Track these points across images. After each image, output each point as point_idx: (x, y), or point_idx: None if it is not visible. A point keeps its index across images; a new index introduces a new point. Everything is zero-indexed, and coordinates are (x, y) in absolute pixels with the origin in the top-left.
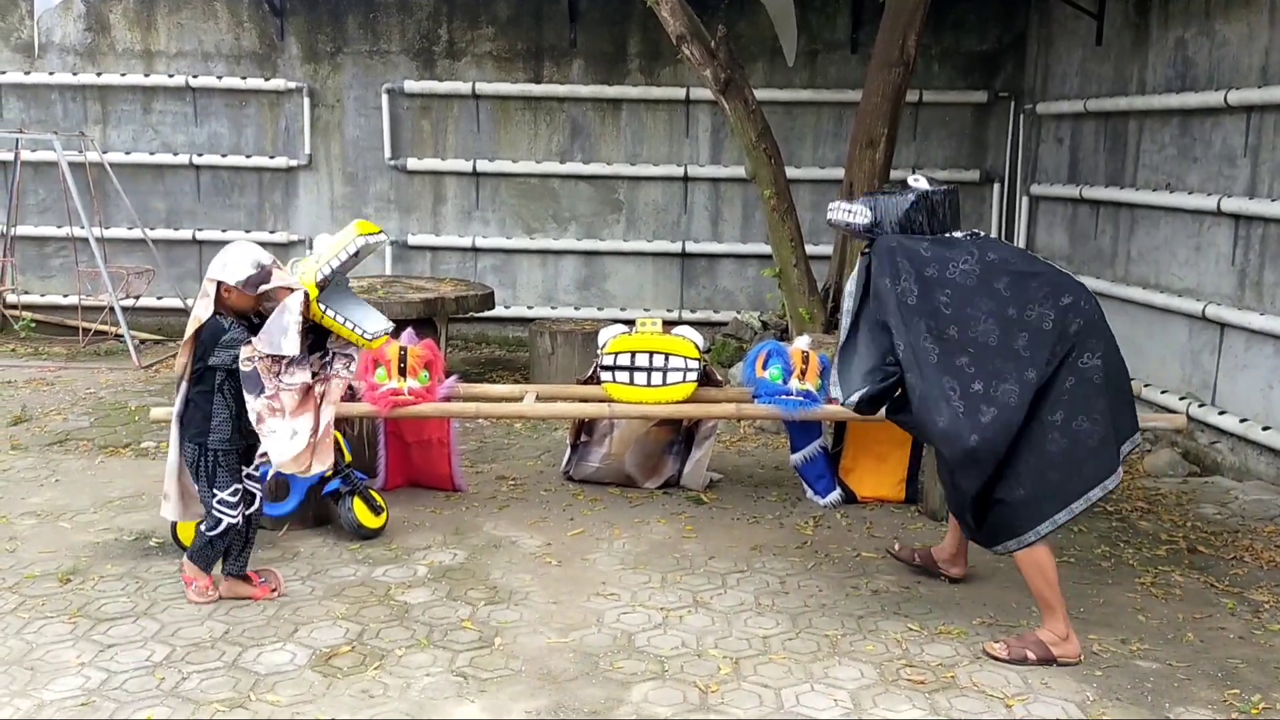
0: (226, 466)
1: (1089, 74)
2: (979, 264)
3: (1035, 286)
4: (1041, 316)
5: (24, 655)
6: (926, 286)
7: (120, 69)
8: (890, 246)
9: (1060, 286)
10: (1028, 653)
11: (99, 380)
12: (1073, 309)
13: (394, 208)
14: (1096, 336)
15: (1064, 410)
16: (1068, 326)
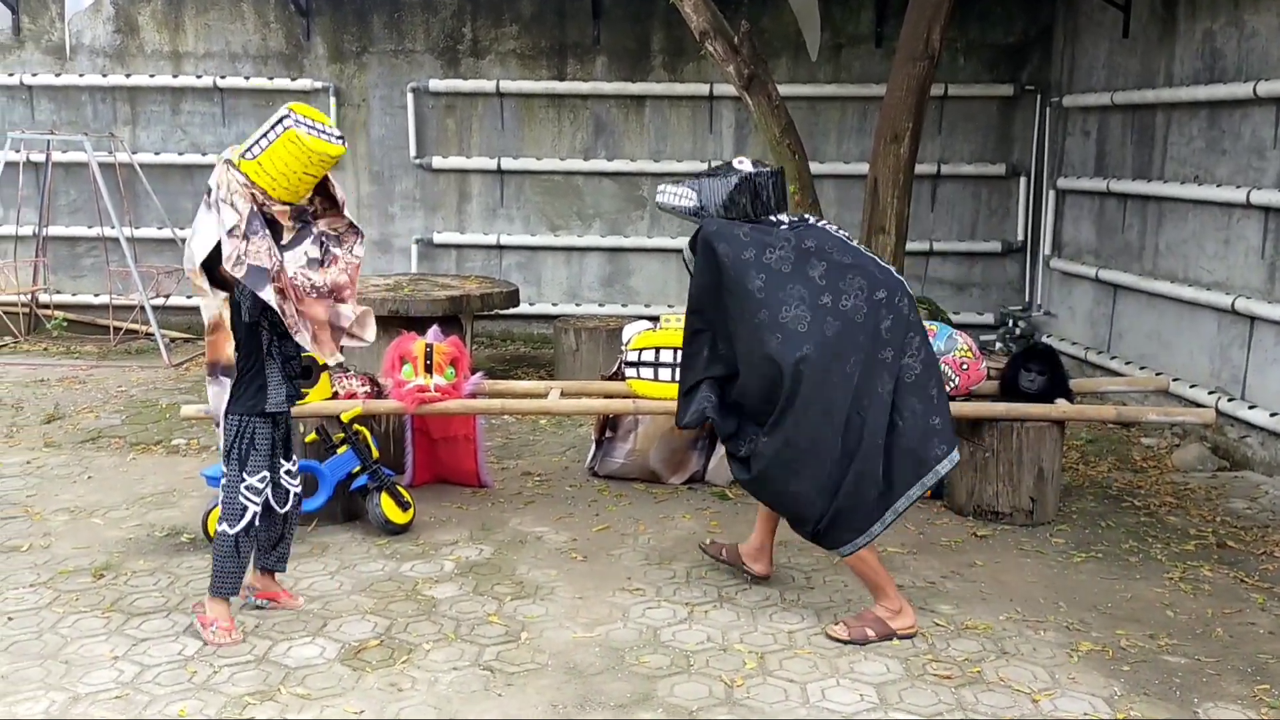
0: (262, 450)
1: (1116, 66)
2: (794, 250)
3: (851, 277)
4: (855, 309)
5: (59, 649)
6: (741, 269)
7: (149, 70)
8: (711, 230)
9: (877, 281)
10: (868, 630)
11: (130, 378)
12: (886, 305)
13: (419, 206)
14: (911, 335)
15: (879, 411)
16: (880, 322)
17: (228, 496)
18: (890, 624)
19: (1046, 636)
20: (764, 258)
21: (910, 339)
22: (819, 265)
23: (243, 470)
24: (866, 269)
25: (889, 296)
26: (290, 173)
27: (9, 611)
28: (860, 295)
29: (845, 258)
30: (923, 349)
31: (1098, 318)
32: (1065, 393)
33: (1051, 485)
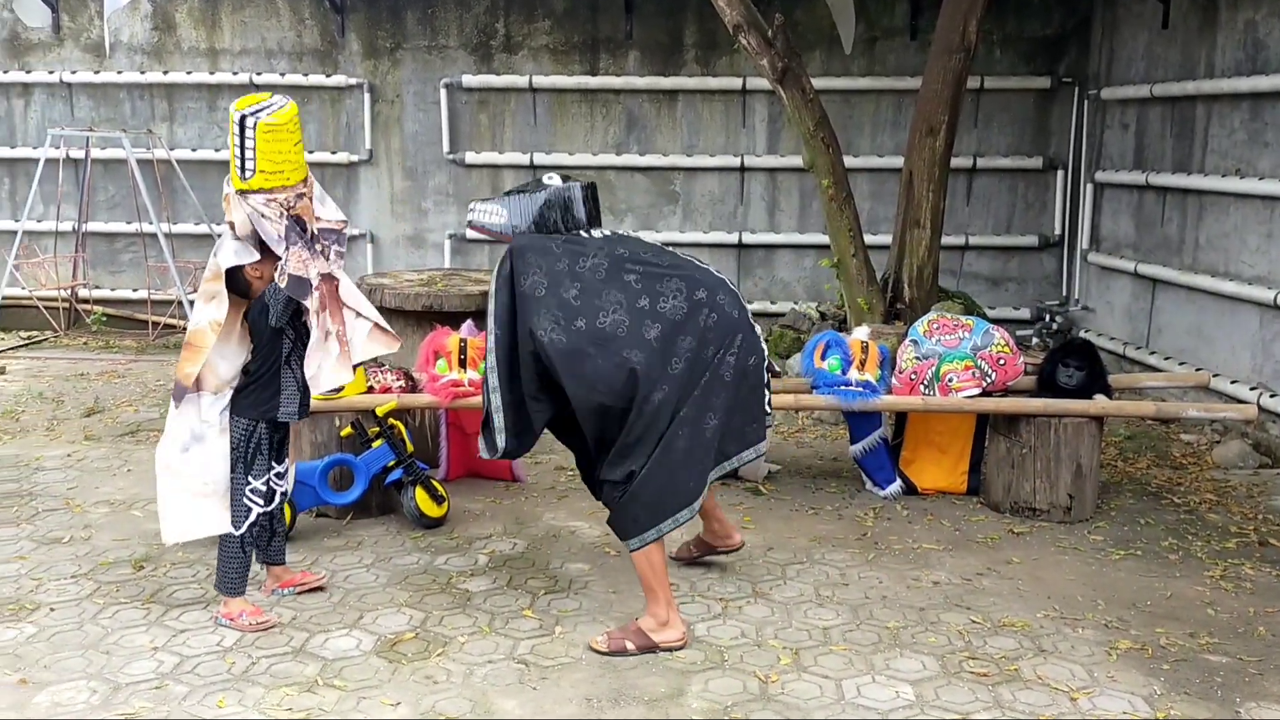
0: (267, 453)
1: (1155, 58)
2: (608, 258)
3: (668, 280)
4: (675, 309)
5: (100, 639)
6: (555, 279)
7: (186, 67)
8: (522, 245)
9: (696, 281)
10: (627, 643)
11: (168, 373)
12: (707, 303)
13: (452, 201)
14: (734, 333)
15: (694, 407)
16: (700, 320)
17: (232, 499)
18: (653, 636)
19: (1085, 634)
20: (577, 267)
21: (734, 337)
22: (634, 270)
23: (248, 474)
24: (684, 270)
25: (709, 295)
26: (284, 154)
27: (51, 602)
28: (679, 296)
29: (661, 260)
30: (743, 348)
31: (1136, 312)
32: (1104, 388)
33: (1090, 482)
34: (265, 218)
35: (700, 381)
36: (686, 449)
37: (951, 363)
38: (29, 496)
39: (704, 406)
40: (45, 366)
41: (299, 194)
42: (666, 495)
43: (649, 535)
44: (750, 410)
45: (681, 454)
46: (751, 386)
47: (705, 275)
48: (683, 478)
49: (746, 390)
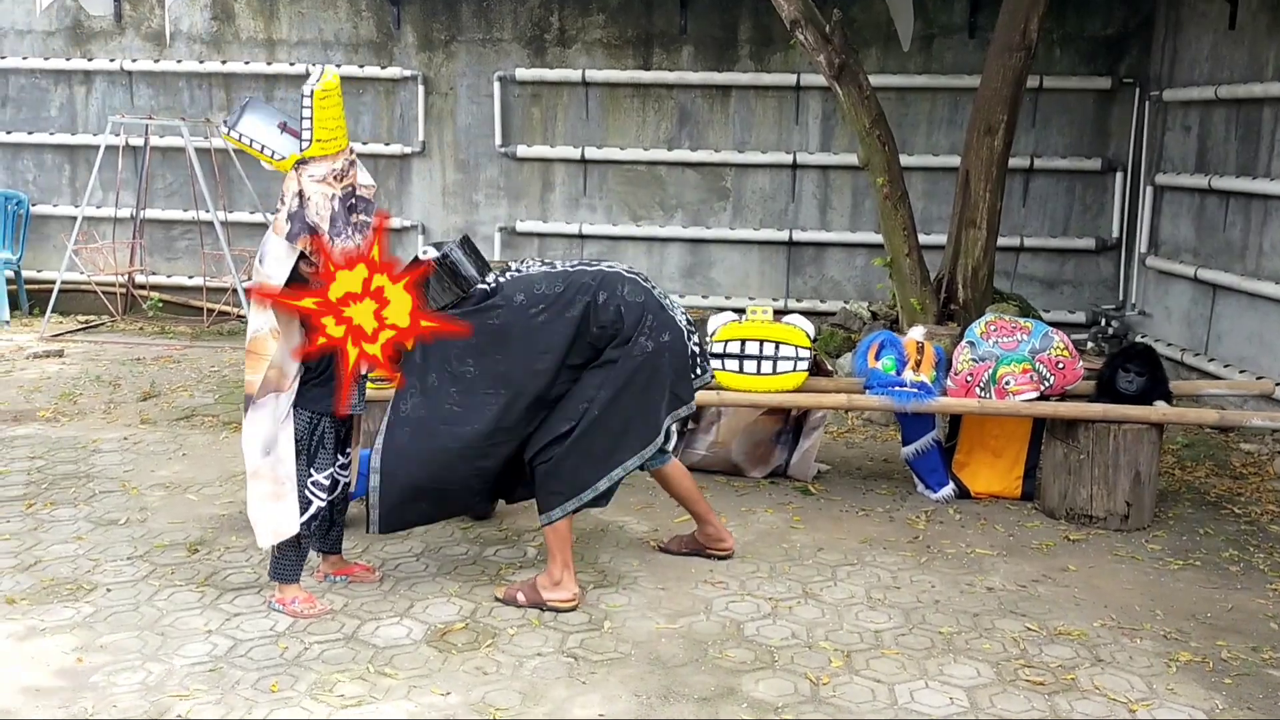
0: (330, 447)
1: (1220, 59)
2: (510, 310)
3: (571, 300)
4: (584, 324)
5: (155, 621)
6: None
7: (244, 57)
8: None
9: (596, 287)
10: (518, 595)
11: (222, 359)
12: (612, 303)
13: (503, 194)
14: (646, 318)
15: (612, 392)
16: (612, 320)
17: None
18: (543, 593)
19: (1143, 645)
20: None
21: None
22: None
23: (310, 465)
24: (581, 283)
25: (609, 294)
26: (336, 119)
27: (108, 583)
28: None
29: (558, 287)
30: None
31: (1195, 318)
32: (1164, 394)
33: (1148, 490)
34: (321, 192)
35: (615, 368)
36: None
37: (1009, 365)
38: (86, 478)
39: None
40: (102, 350)
41: (350, 160)
42: (583, 470)
43: (570, 505)
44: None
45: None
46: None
47: (597, 277)
48: (596, 452)
49: (668, 366)
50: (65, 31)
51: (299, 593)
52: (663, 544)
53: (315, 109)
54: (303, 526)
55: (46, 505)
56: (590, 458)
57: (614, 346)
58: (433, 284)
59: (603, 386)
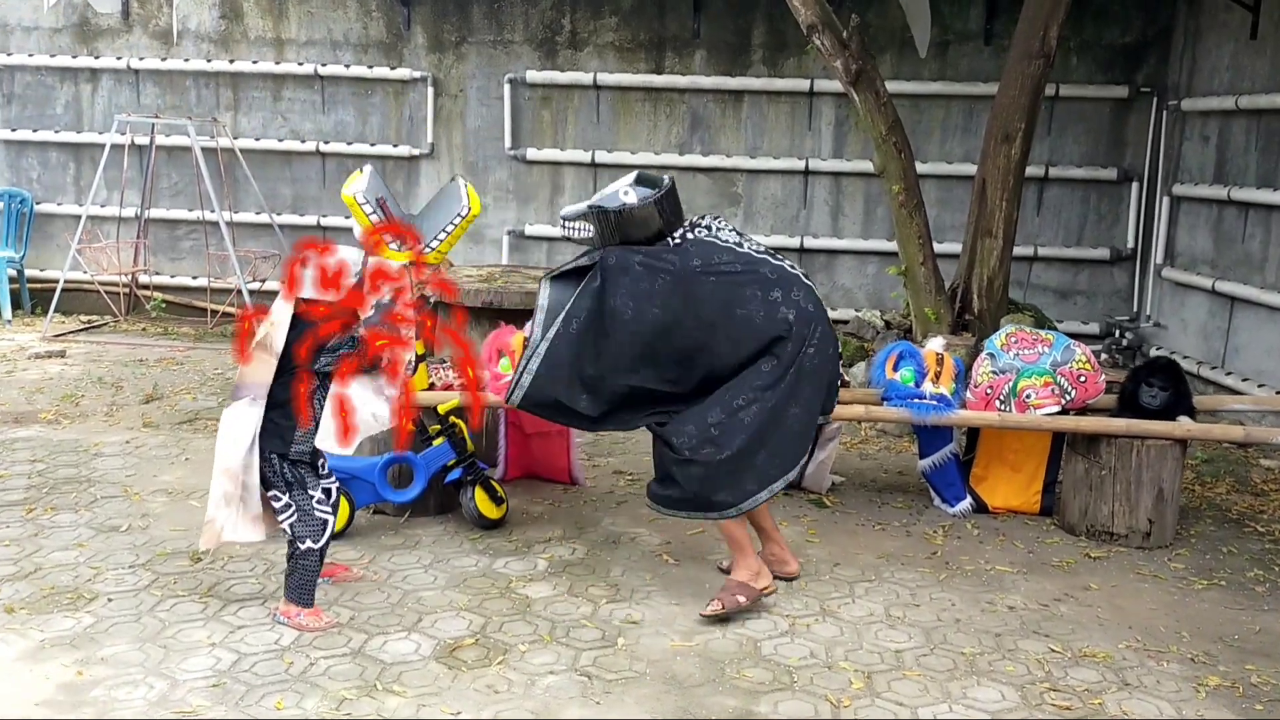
0: (310, 463)
1: (1241, 69)
2: (681, 270)
3: (744, 283)
4: (751, 315)
5: (158, 633)
6: (639, 299)
7: (252, 56)
8: (610, 265)
9: (772, 282)
10: (739, 598)
11: (226, 361)
12: (784, 302)
13: (512, 197)
14: (811, 328)
15: (779, 396)
16: (781, 319)
17: (301, 515)
18: (755, 585)
19: (1170, 668)
20: (656, 285)
21: (813, 329)
22: (709, 280)
23: (305, 490)
24: (758, 273)
25: (784, 294)
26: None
27: (109, 592)
28: (755, 301)
29: (735, 266)
30: (821, 340)
31: (1212, 331)
32: (1188, 410)
33: (1171, 507)
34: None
35: (787, 376)
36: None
37: (1029, 378)
38: (88, 483)
39: (789, 396)
40: (105, 351)
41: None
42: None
43: (745, 505)
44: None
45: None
46: (831, 372)
47: (783, 274)
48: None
49: (825, 379)
50: (72, 29)
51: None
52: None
53: (460, 228)
54: (323, 547)
55: (47, 510)
56: (753, 467)
57: (779, 351)
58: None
59: (768, 390)
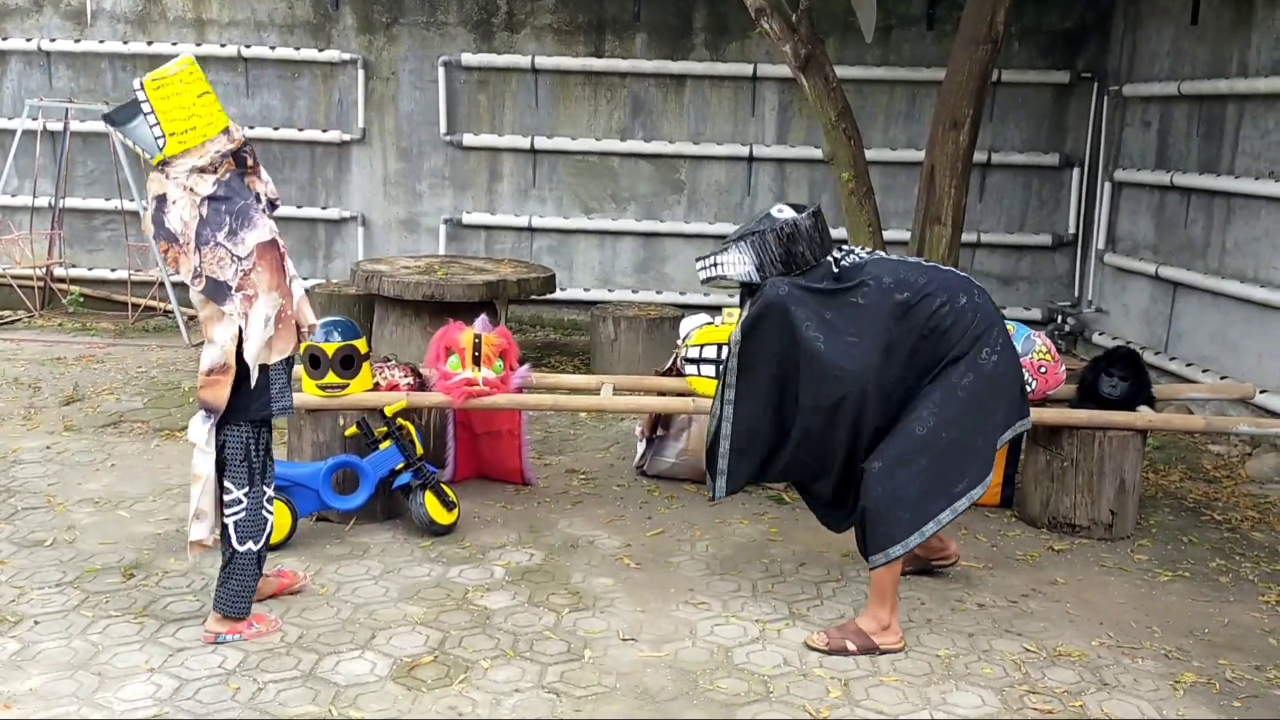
0: (272, 457)
1: (1182, 55)
2: (878, 291)
3: (932, 294)
4: (939, 323)
5: (90, 658)
6: (829, 329)
7: (171, 38)
8: (782, 295)
9: (955, 288)
10: (847, 643)
11: (150, 358)
12: (969, 308)
13: (448, 184)
14: (994, 331)
15: (958, 408)
16: (967, 326)
17: (250, 513)
18: (874, 639)
19: (1145, 665)
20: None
21: (993, 333)
22: (903, 294)
23: (263, 483)
24: (940, 282)
25: (970, 299)
26: (188, 109)
27: (36, 614)
28: (944, 309)
29: (918, 279)
30: (1004, 344)
31: (1154, 316)
32: (1148, 400)
33: (1132, 498)
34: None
35: (964, 384)
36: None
37: None
38: (6, 493)
39: (969, 409)
40: (19, 349)
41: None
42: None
43: (913, 540)
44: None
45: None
46: (1015, 377)
47: (958, 280)
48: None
49: (1006, 383)
50: None
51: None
52: None
53: (153, 100)
54: (262, 550)
55: None
56: (935, 486)
57: (957, 356)
58: (787, 244)
59: (945, 403)
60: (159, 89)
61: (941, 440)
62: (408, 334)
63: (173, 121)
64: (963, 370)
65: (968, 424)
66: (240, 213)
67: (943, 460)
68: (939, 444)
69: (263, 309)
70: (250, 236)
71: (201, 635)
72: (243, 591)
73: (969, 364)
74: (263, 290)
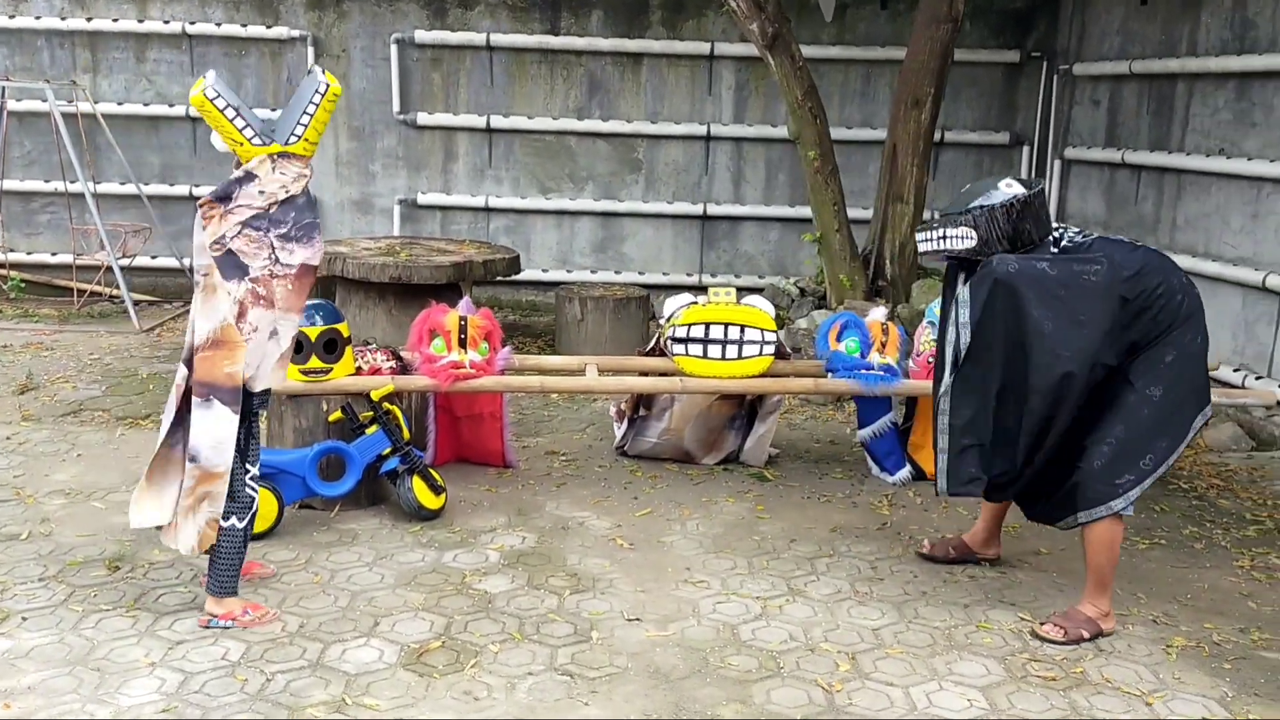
0: (257, 437)
1: (1131, 34)
2: (1110, 270)
3: (1150, 274)
4: (1152, 303)
5: (87, 654)
6: (1060, 306)
7: (112, 14)
8: (1012, 272)
9: (1167, 270)
10: (1084, 632)
11: (101, 345)
12: (1179, 289)
13: (402, 164)
14: (1197, 316)
15: (1159, 383)
16: (1177, 308)
17: (233, 489)
18: (1102, 625)
19: (1137, 631)
20: (1078, 287)
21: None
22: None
23: (245, 461)
24: (1154, 263)
25: (1180, 281)
26: (325, 125)
27: (23, 610)
28: (1159, 289)
29: (1138, 257)
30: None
31: None
32: None
33: None
34: (280, 191)
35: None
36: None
37: None
38: None
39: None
40: None
41: (307, 177)
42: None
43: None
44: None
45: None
46: (1204, 362)
47: (1167, 263)
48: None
49: (1197, 367)
50: None
51: (240, 603)
52: (924, 550)
53: (322, 108)
54: (247, 527)
55: None
56: (1137, 453)
57: (1165, 338)
58: (1017, 221)
59: (1156, 381)
60: (331, 101)
61: (1148, 414)
62: (372, 316)
63: (316, 131)
64: (1171, 351)
65: (1171, 401)
66: (306, 226)
67: (1147, 430)
68: (1145, 416)
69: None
70: (302, 253)
71: (198, 620)
72: (229, 568)
73: (1175, 344)
74: (281, 305)
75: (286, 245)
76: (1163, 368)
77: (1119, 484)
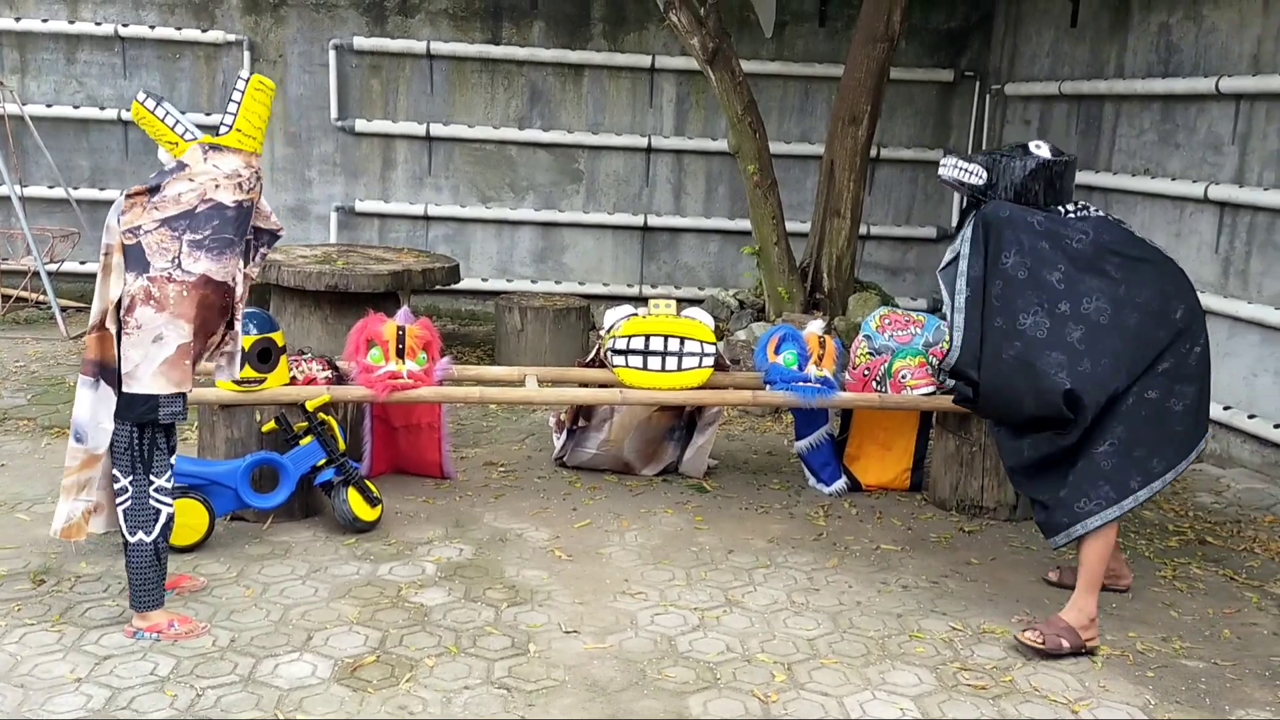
0: (164, 449)
1: (1061, 56)
2: (1092, 243)
3: (1145, 270)
4: (1149, 300)
5: (10, 669)
6: (1039, 261)
7: (41, 14)
8: (1002, 217)
9: (1168, 273)
10: (1063, 642)
11: (26, 352)
12: (1176, 295)
13: (340, 171)
14: (1198, 326)
15: (1159, 390)
16: (1173, 312)
17: (136, 502)
18: (1083, 634)
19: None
20: (1061, 245)
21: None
22: (1114, 259)
23: (148, 474)
24: (1157, 263)
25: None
26: (262, 121)
27: None
28: (1153, 288)
29: (1133, 251)
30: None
31: None
32: None
33: None
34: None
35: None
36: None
37: (904, 359)
38: None
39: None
40: None
41: (258, 176)
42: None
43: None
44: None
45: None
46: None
47: (1172, 266)
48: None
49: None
50: None
51: (170, 615)
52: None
53: (248, 95)
54: (157, 540)
55: None
56: (1134, 459)
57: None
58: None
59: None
60: (258, 89)
61: (1146, 418)
62: (307, 325)
63: (247, 120)
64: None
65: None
66: (222, 241)
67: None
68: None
69: (161, 324)
70: (207, 264)
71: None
72: (143, 584)
73: (1191, 356)
74: (172, 310)
75: (194, 253)
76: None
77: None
